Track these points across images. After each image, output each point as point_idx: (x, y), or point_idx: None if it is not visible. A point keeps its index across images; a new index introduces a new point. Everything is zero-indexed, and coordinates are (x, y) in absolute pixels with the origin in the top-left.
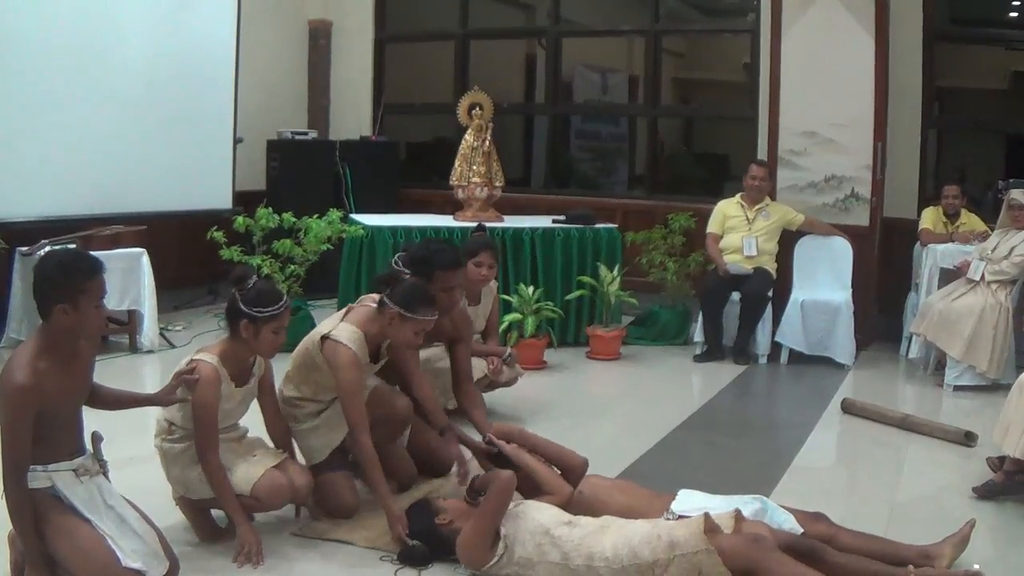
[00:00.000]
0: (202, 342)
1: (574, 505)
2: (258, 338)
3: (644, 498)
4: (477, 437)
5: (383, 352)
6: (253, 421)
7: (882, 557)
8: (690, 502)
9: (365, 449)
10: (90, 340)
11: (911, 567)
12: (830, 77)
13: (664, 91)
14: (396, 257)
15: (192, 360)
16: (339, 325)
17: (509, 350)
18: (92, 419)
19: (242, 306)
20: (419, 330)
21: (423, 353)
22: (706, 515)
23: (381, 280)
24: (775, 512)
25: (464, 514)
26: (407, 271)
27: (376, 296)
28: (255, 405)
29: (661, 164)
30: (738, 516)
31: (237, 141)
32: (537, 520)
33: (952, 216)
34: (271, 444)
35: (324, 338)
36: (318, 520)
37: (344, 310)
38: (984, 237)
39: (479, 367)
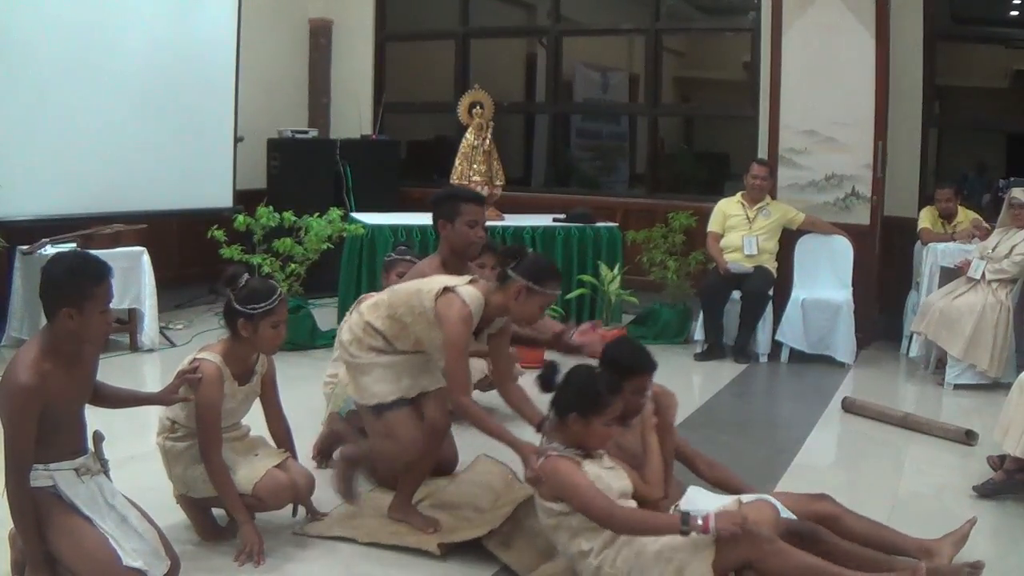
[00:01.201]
0: (203, 341)
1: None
2: (257, 335)
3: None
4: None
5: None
6: (253, 421)
7: (881, 544)
8: (698, 502)
9: (471, 410)
10: (94, 344)
11: (922, 563)
12: (831, 76)
13: (665, 90)
14: (391, 251)
15: (195, 359)
16: (465, 285)
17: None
18: (93, 418)
19: (236, 305)
20: (545, 304)
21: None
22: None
23: (506, 253)
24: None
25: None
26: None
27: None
28: (257, 404)
29: (662, 163)
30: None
31: (238, 140)
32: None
33: (948, 217)
34: (273, 443)
35: (446, 289)
36: (318, 519)
37: (469, 279)
38: (985, 233)
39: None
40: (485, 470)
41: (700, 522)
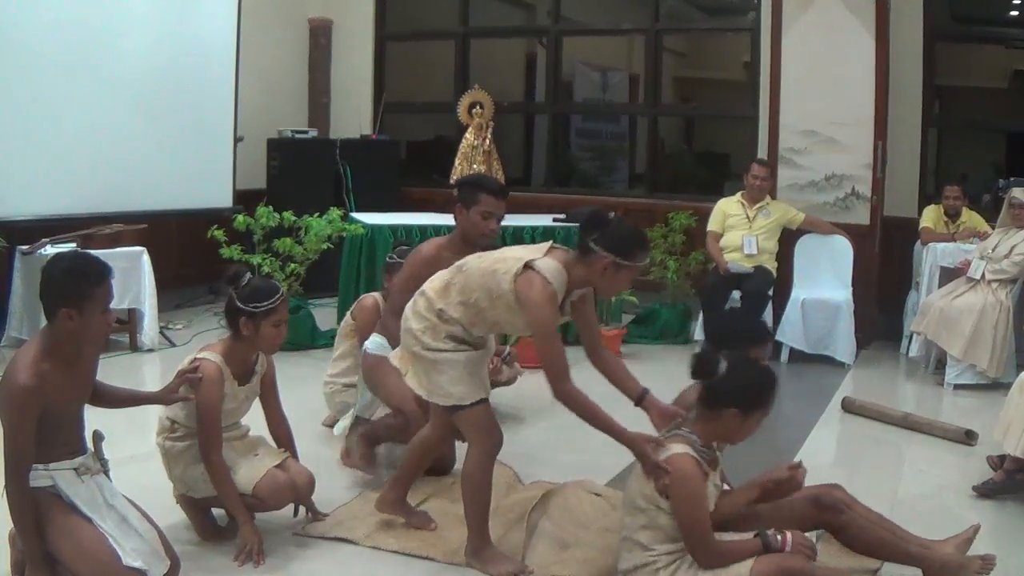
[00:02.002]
0: (203, 341)
1: None
2: (259, 334)
3: None
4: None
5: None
6: (253, 421)
7: (883, 540)
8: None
9: (575, 398)
10: (94, 345)
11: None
12: (831, 76)
13: (664, 90)
14: (392, 252)
15: (195, 359)
16: (543, 258)
17: (508, 349)
18: (93, 418)
19: (239, 304)
20: (633, 276)
21: None
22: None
23: (590, 224)
24: None
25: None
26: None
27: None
28: (256, 404)
29: (661, 163)
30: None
31: (237, 140)
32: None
33: (953, 216)
34: (273, 443)
35: (526, 266)
36: (319, 520)
37: (547, 247)
38: (985, 236)
39: None
40: None
41: (779, 540)
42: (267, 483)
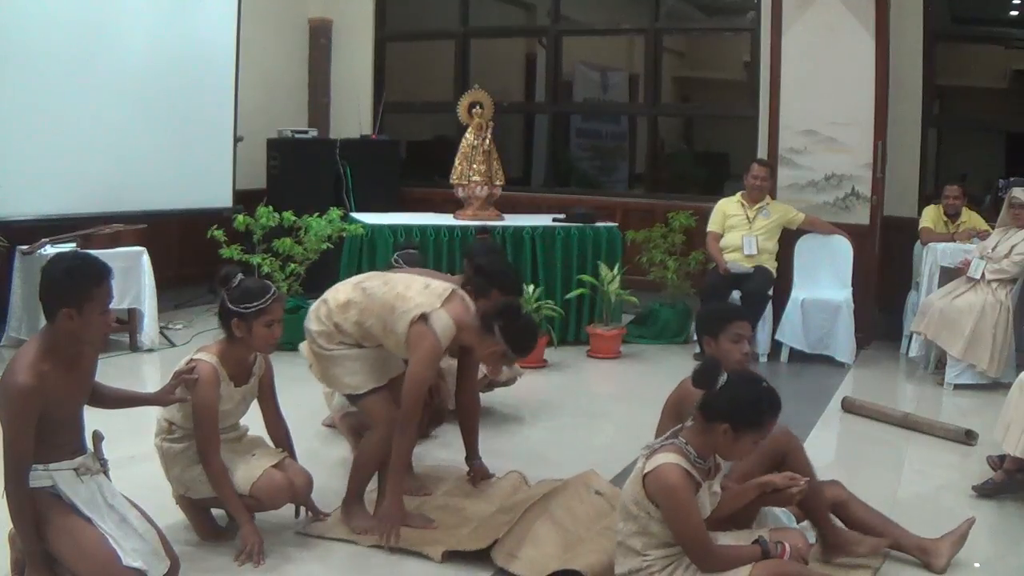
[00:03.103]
0: (202, 340)
1: None
2: (252, 334)
3: None
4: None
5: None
6: (252, 420)
7: (882, 535)
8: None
9: (401, 445)
10: (94, 345)
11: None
12: (830, 76)
13: (664, 90)
14: (396, 255)
15: (191, 360)
16: (440, 311)
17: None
18: (93, 418)
19: (230, 305)
20: (496, 364)
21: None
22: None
23: (495, 312)
24: (781, 514)
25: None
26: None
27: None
28: (255, 405)
29: (661, 163)
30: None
31: (237, 140)
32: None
33: (953, 216)
34: (271, 443)
35: (422, 316)
36: (320, 519)
37: (447, 294)
38: (985, 236)
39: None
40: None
41: (778, 548)
42: (264, 484)
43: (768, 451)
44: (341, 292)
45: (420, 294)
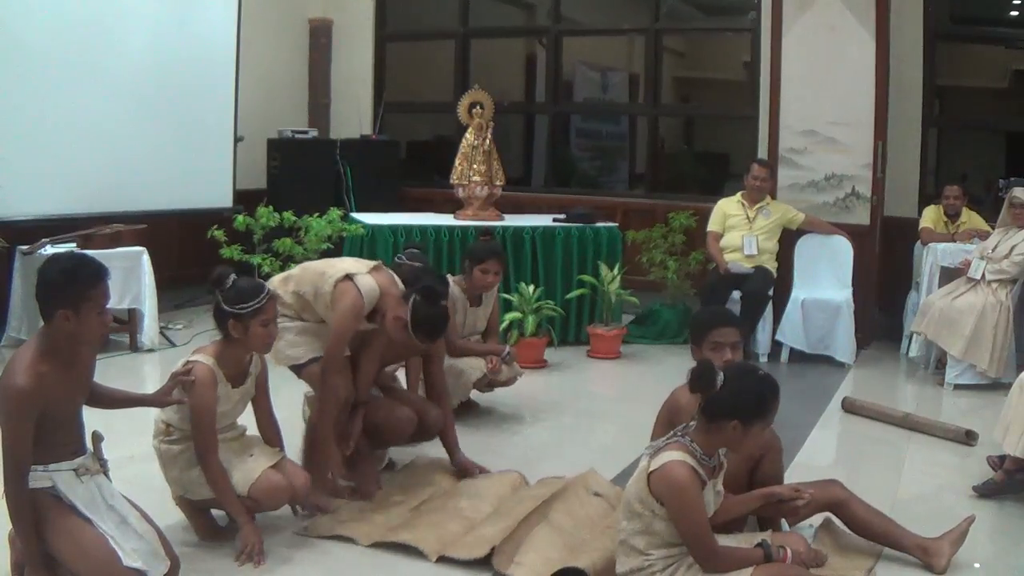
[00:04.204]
0: (202, 341)
1: None
2: (248, 334)
3: None
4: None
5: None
6: (251, 421)
7: (884, 536)
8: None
9: (324, 397)
10: (91, 345)
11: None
12: (830, 76)
13: (664, 90)
14: (399, 254)
15: (188, 361)
16: (365, 275)
17: (508, 348)
18: (92, 418)
19: (225, 306)
20: (405, 343)
21: None
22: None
23: (425, 287)
24: None
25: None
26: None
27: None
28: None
29: (661, 163)
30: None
31: (238, 140)
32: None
33: (953, 216)
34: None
35: (347, 277)
36: (317, 519)
37: (374, 265)
38: (985, 236)
39: (479, 366)
40: (493, 476)
41: (781, 553)
42: (263, 484)
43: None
44: (283, 273)
45: (349, 263)
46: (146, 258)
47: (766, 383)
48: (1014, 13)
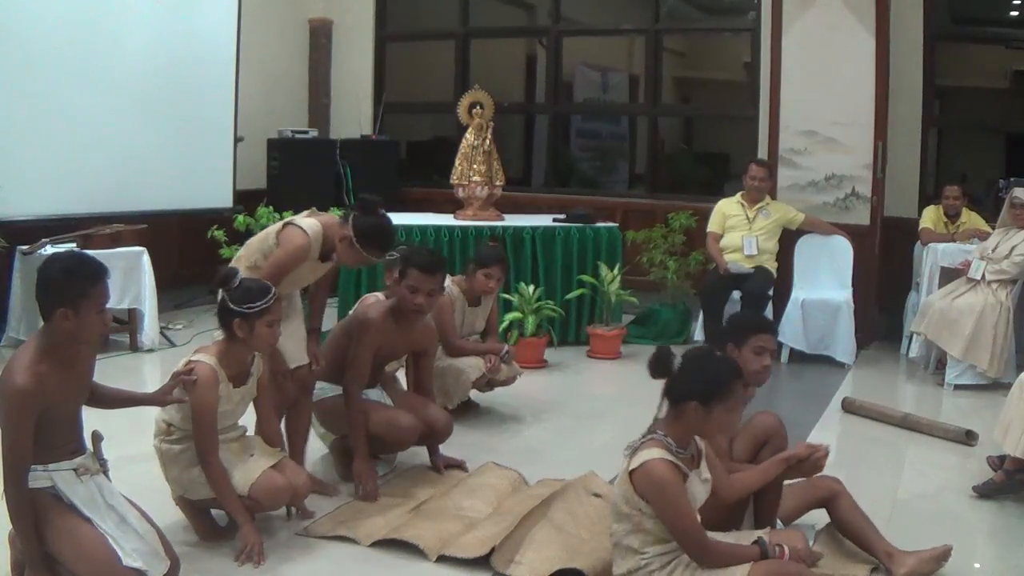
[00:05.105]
0: (202, 341)
1: None
2: (253, 334)
3: None
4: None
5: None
6: (250, 419)
7: (857, 535)
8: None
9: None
10: (91, 345)
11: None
12: (830, 76)
13: (664, 90)
14: (393, 251)
15: (190, 361)
16: (304, 218)
17: (506, 347)
18: (92, 418)
19: (232, 305)
20: (359, 262)
21: None
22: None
23: (360, 202)
24: None
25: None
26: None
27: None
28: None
29: (661, 163)
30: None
31: (238, 140)
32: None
33: (953, 216)
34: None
35: (287, 223)
36: (312, 519)
37: (308, 212)
38: (985, 236)
39: (478, 366)
40: (492, 475)
41: (777, 551)
42: (263, 484)
43: (759, 432)
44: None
45: (289, 218)
46: (146, 258)
47: (724, 364)
48: (1014, 13)
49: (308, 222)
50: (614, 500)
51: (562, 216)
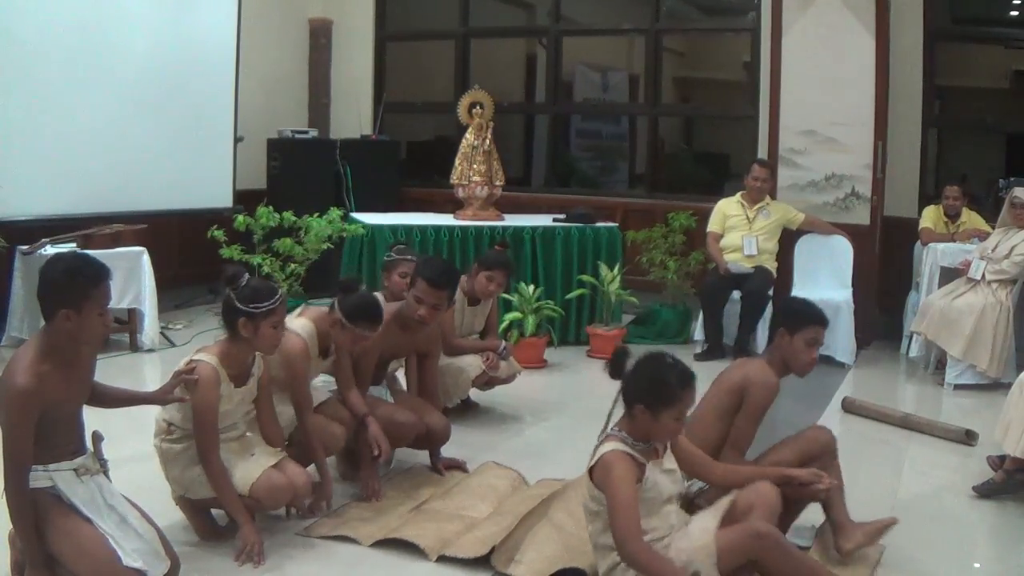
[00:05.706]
0: (202, 341)
1: None
2: (258, 335)
3: None
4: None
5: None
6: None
7: (825, 499)
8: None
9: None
10: (92, 345)
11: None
12: (830, 76)
13: (664, 90)
14: (389, 250)
15: (191, 360)
16: (293, 320)
17: (503, 343)
18: (92, 418)
19: (238, 304)
20: (356, 340)
21: None
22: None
23: (340, 285)
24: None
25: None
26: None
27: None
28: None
29: (661, 163)
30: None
31: (238, 140)
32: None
33: (953, 216)
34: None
35: None
36: (312, 518)
37: (298, 311)
38: (985, 236)
39: (477, 364)
40: (492, 475)
41: None
42: (263, 484)
43: (812, 447)
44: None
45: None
46: (146, 258)
47: (673, 370)
48: (1014, 13)
49: (297, 324)
50: (584, 501)
51: (562, 216)
